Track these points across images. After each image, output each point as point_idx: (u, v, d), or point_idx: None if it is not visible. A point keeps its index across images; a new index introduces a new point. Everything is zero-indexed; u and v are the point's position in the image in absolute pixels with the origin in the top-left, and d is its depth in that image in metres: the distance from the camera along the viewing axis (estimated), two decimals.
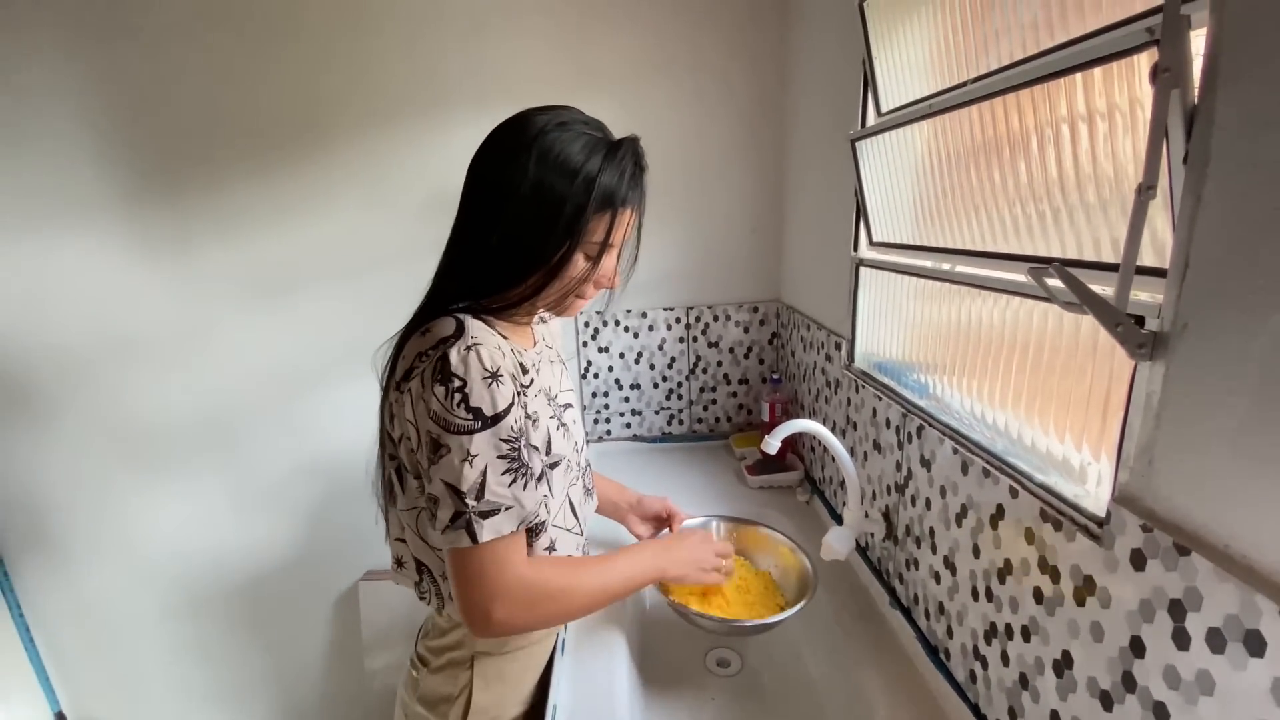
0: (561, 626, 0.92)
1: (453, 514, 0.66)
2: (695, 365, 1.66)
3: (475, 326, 0.69)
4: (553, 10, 1.44)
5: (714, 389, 1.68)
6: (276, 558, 1.77)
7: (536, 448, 0.73)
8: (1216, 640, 0.42)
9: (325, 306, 1.59)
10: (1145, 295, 0.49)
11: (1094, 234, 0.57)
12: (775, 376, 1.52)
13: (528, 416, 0.72)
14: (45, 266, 1.53)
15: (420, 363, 0.68)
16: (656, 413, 1.69)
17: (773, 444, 0.95)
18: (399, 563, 0.83)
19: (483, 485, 0.66)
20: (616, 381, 1.66)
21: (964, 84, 0.74)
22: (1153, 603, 0.48)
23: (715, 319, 1.63)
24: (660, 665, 1.02)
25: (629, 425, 1.70)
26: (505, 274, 0.73)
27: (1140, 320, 0.48)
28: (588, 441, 1.64)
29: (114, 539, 1.73)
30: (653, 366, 1.65)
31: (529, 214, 0.69)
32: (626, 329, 1.62)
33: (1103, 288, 0.50)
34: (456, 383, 0.65)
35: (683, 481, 1.45)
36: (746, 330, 1.64)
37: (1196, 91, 0.43)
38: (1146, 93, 0.48)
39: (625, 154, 0.72)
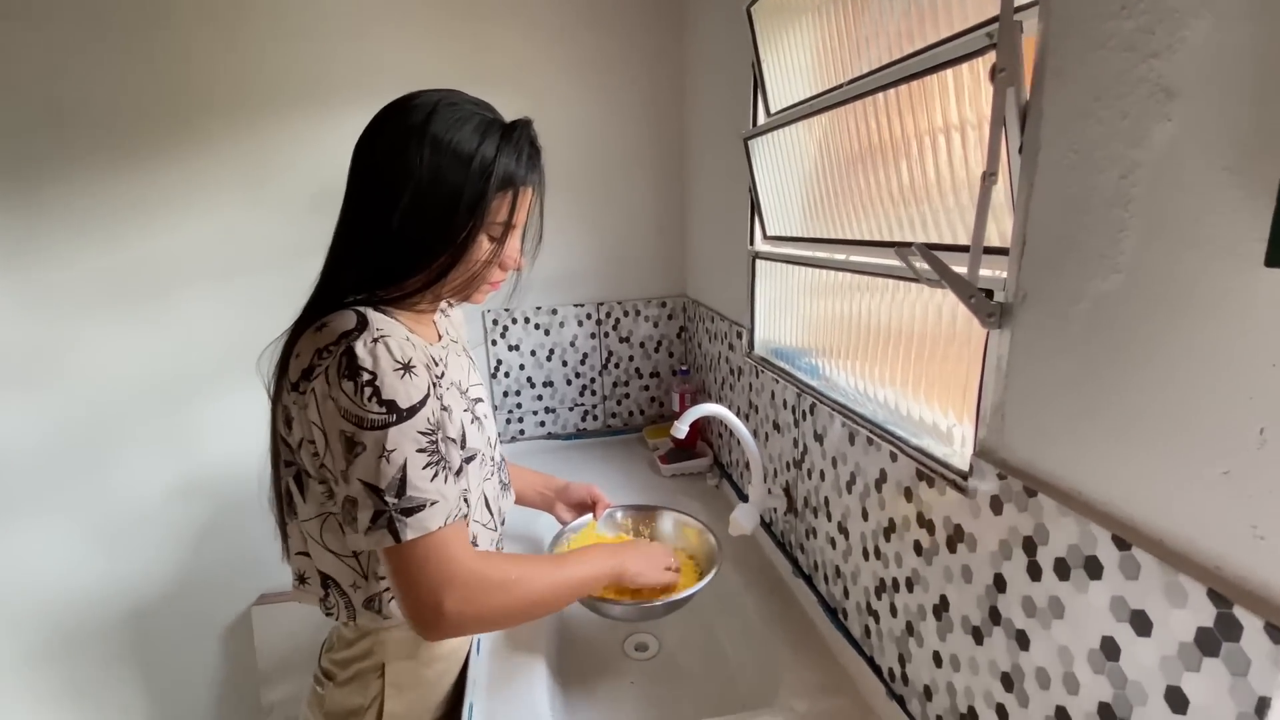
0: (494, 630, 0.90)
1: (373, 514, 0.63)
2: (608, 361, 1.67)
3: (378, 318, 0.67)
4: (444, 3, 1.41)
5: (627, 383, 1.70)
6: (156, 588, 1.60)
7: (454, 440, 0.72)
8: (1062, 568, 0.48)
9: (200, 311, 1.47)
10: (996, 272, 0.56)
11: (950, 224, 0.63)
12: (684, 368, 1.56)
13: (444, 409, 0.70)
14: None
15: (321, 359, 0.64)
16: (570, 409, 1.68)
17: (681, 429, 0.98)
18: (301, 579, 0.78)
19: (403, 481, 0.63)
20: (529, 380, 1.64)
21: (840, 86, 0.80)
22: (1009, 541, 0.54)
23: (625, 314, 1.65)
24: (579, 657, 1.02)
25: (543, 424, 1.68)
26: (405, 261, 0.70)
27: (990, 293, 0.55)
28: (500, 439, 1.62)
29: None
30: (565, 363, 1.65)
31: (428, 198, 0.68)
32: (537, 326, 1.61)
33: (960, 267, 0.56)
34: (365, 376, 0.62)
35: (598, 475, 1.46)
36: (656, 325, 1.67)
37: (1028, 89, 0.49)
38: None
39: (520, 135, 0.72)
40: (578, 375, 1.67)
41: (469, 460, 0.77)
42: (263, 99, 1.39)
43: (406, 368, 0.64)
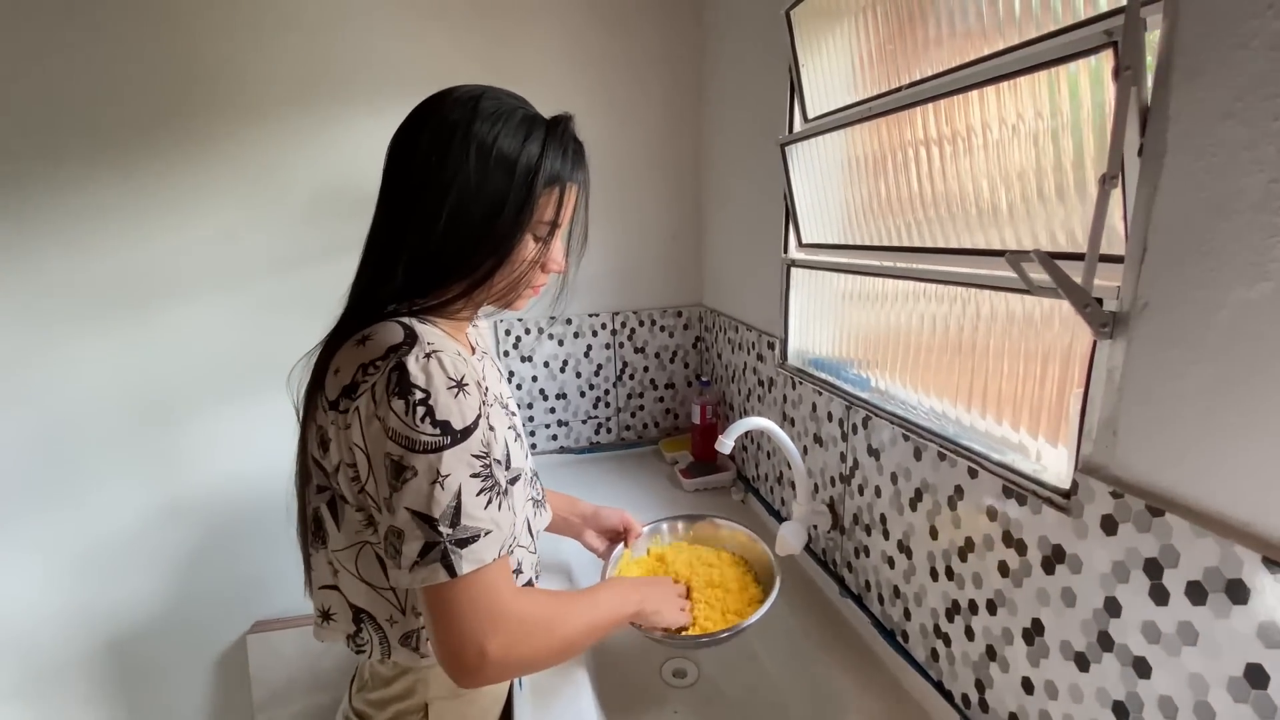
0: (530, 674, 0.84)
1: (423, 546, 0.57)
2: (622, 372, 1.63)
3: (427, 330, 0.62)
4: (455, 3, 1.37)
5: (641, 395, 1.66)
6: (143, 617, 1.50)
7: (500, 462, 0.67)
8: (1197, 593, 0.46)
9: (194, 320, 1.38)
10: (1105, 281, 0.53)
11: (1031, 225, 0.61)
12: (704, 379, 1.53)
13: (490, 428, 0.65)
14: None
15: (367, 376, 0.59)
16: (584, 422, 1.64)
17: (726, 444, 0.95)
18: (326, 615, 0.71)
19: (458, 509, 0.58)
20: (541, 392, 1.59)
21: (901, 88, 0.78)
22: (1126, 564, 0.51)
23: (640, 324, 1.61)
24: (618, 687, 0.97)
25: (555, 437, 1.63)
26: (450, 266, 0.66)
27: (1099, 301, 0.52)
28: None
29: None
30: (579, 374, 1.60)
31: (475, 199, 0.64)
32: (551, 336, 1.56)
33: (1043, 276, 0.53)
34: (419, 395, 0.57)
35: (617, 490, 1.41)
36: (671, 335, 1.63)
37: (1150, 89, 0.47)
38: (1073, 98, 0.53)
39: (565, 131, 0.69)
40: (591, 387, 1.62)
41: (514, 481, 0.72)
42: (262, 97, 1.33)
43: (460, 385, 0.60)
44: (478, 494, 0.60)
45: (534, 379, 1.57)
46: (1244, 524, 0.43)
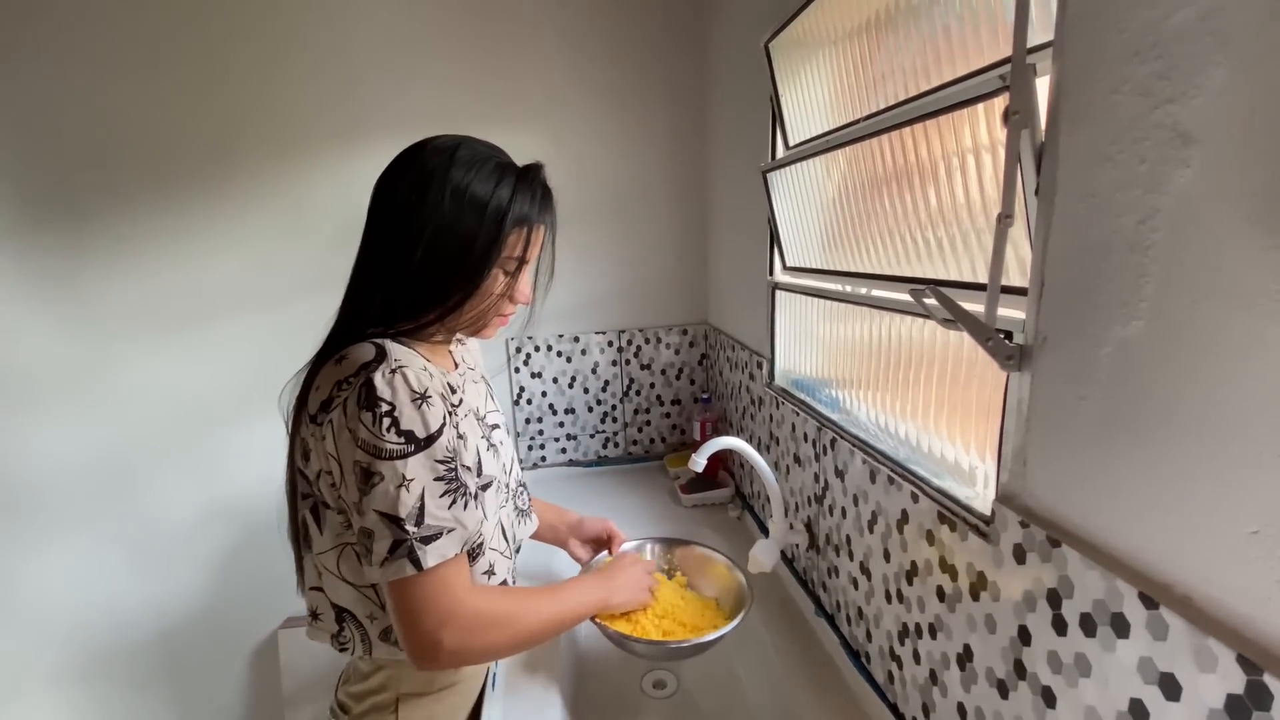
0: (492, 662, 0.90)
1: (391, 544, 0.64)
2: (629, 387, 1.67)
3: (396, 349, 0.68)
4: (472, 43, 1.46)
5: (648, 410, 1.70)
6: (185, 609, 1.64)
7: (470, 468, 0.73)
8: (1089, 624, 0.46)
9: (235, 339, 1.52)
10: (1016, 312, 0.54)
11: (970, 258, 0.62)
12: (705, 396, 1.56)
13: (460, 437, 0.71)
14: None
15: (340, 391, 0.66)
16: (592, 436, 1.69)
17: (699, 461, 0.97)
18: (314, 615, 0.78)
19: (422, 509, 0.65)
20: (550, 407, 1.65)
21: (855, 122, 0.80)
22: (1034, 593, 0.52)
23: (647, 341, 1.66)
24: (596, 694, 1.01)
25: (564, 450, 1.69)
26: (423, 296, 0.72)
27: (1009, 334, 0.53)
28: (519, 464, 1.63)
29: (2, 602, 1.55)
30: (586, 390, 1.66)
31: (449, 238, 0.70)
32: (559, 353, 1.62)
33: (977, 306, 0.55)
34: (384, 407, 0.64)
35: (619, 504, 1.45)
36: (677, 352, 1.67)
37: (1043, 130, 0.49)
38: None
39: (534, 178, 0.75)
40: (599, 402, 1.67)
41: (485, 488, 0.78)
42: (293, 133, 1.45)
43: (423, 397, 0.66)
44: (441, 495, 0.66)
45: (543, 394, 1.64)
46: (1126, 556, 0.44)
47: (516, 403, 1.64)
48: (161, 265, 1.46)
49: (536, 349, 1.61)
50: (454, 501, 0.67)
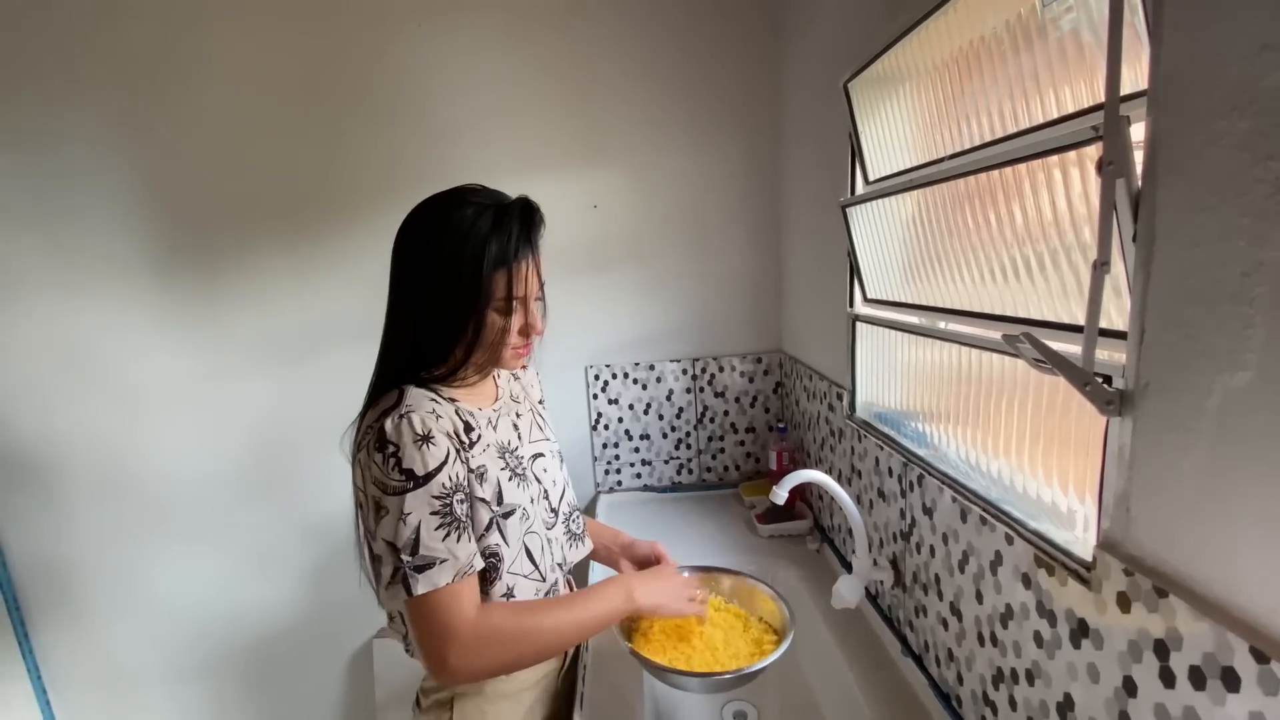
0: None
1: (392, 570, 0.72)
2: (703, 415, 1.70)
3: (413, 395, 0.76)
4: (557, 93, 1.56)
5: (721, 438, 1.71)
6: (290, 616, 1.78)
7: (486, 500, 0.78)
8: (1198, 678, 0.45)
9: (341, 370, 1.66)
10: (1109, 355, 0.54)
11: (1061, 281, 0.62)
12: (781, 425, 1.56)
13: (471, 471, 0.77)
14: (78, 326, 1.61)
15: (366, 435, 0.76)
16: (666, 462, 1.72)
17: (780, 494, 0.99)
18: (391, 617, 0.87)
19: (417, 540, 0.72)
20: (626, 432, 1.70)
21: (940, 160, 0.81)
22: (1139, 643, 0.51)
23: (720, 369, 1.68)
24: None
25: (639, 475, 1.73)
26: (439, 341, 0.80)
27: (1108, 379, 0.53)
28: (598, 489, 1.67)
29: (133, 600, 1.75)
30: (661, 417, 1.70)
31: (444, 285, 0.77)
32: (635, 381, 1.67)
33: (1068, 346, 0.55)
34: (390, 449, 0.72)
35: (694, 531, 1.47)
36: (751, 380, 1.69)
37: (1139, 177, 0.49)
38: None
39: (511, 216, 0.78)
40: (673, 429, 1.70)
41: (506, 516, 0.82)
42: (394, 183, 1.58)
43: (425, 439, 0.73)
44: (436, 528, 0.73)
45: (619, 420, 1.69)
46: (1236, 608, 0.43)
47: (594, 428, 1.70)
48: (280, 301, 1.63)
49: (614, 376, 1.67)
50: (448, 534, 0.73)
